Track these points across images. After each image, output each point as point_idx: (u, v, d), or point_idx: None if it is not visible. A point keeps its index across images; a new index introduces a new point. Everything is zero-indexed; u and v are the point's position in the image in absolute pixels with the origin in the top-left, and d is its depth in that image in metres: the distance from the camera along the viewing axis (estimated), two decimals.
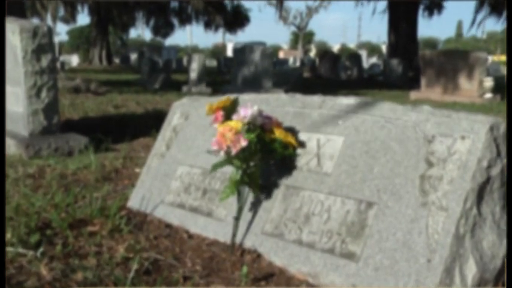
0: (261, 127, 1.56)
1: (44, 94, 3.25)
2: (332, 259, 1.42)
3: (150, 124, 4.08)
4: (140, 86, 9.76)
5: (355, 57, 16.87)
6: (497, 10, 16.24)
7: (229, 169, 1.62)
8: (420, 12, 17.43)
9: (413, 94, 9.19)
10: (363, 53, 27.89)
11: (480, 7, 16.75)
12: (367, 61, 27.30)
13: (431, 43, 53.63)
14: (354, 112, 1.62)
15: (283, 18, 33.83)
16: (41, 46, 3.19)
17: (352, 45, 56.33)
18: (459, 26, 64.43)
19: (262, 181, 1.63)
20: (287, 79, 11.09)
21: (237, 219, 1.61)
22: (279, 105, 1.83)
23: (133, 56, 27.41)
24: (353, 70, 15.70)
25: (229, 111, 1.58)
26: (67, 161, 2.97)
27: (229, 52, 33.96)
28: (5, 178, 2.43)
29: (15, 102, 3.32)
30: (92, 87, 7.63)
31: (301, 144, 1.66)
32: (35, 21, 8.52)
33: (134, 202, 2.06)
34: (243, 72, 8.63)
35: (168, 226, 1.85)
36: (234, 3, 26.15)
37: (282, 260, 1.52)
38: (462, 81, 8.76)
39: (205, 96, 3.29)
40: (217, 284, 1.42)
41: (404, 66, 13.39)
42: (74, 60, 26.90)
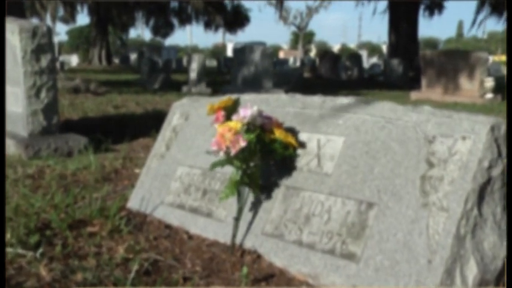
0: (261, 127, 1.55)
1: (44, 94, 3.24)
2: (332, 260, 1.42)
3: (150, 124, 4.08)
4: (140, 86, 9.75)
5: (355, 57, 16.86)
6: (498, 10, 16.23)
7: (229, 169, 1.61)
8: (421, 12, 17.41)
9: (413, 94, 9.18)
10: (364, 53, 27.91)
11: (481, 7, 16.74)
12: (367, 61, 27.31)
13: (431, 43, 53.63)
14: (355, 112, 1.61)
15: (283, 18, 33.82)
16: (41, 46, 3.19)
17: (352, 45, 56.31)
18: (460, 26, 64.43)
19: (262, 181, 1.63)
20: (287, 79, 11.09)
21: (237, 219, 1.60)
22: (279, 105, 1.83)
23: (133, 56, 27.40)
24: (353, 70, 15.69)
25: (230, 111, 1.57)
26: (66, 162, 2.96)
27: (229, 52, 33.94)
28: (5, 179, 2.43)
29: (14, 102, 3.32)
30: (92, 87, 7.62)
31: (301, 144, 1.65)
32: (35, 21, 8.52)
33: (134, 203, 2.06)
34: (243, 72, 8.63)
35: (168, 227, 1.85)
36: (234, 3, 26.17)
37: (282, 261, 1.52)
38: (463, 81, 8.76)
39: (205, 96, 3.29)
40: (217, 285, 1.42)
41: (404, 66, 13.38)
42: (74, 60, 26.88)
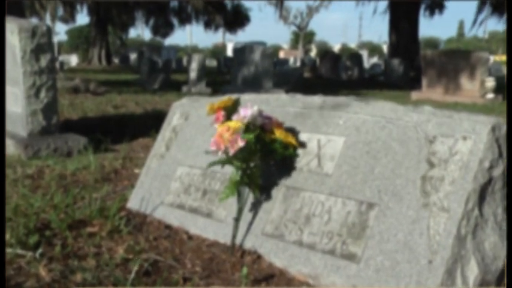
0: (261, 127, 1.55)
1: (43, 94, 3.24)
2: (333, 260, 1.41)
3: (150, 124, 4.07)
4: (139, 86, 9.74)
5: (356, 57, 16.85)
6: (499, 10, 16.21)
7: (229, 169, 1.61)
8: (421, 11, 17.37)
9: (414, 94, 9.17)
10: (364, 53, 27.88)
11: (482, 7, 16.73)
12: (368, 61, 27.30)
13: (432, 43, 53.57)
14: (355, 112, 1.61)
15: (283, 17, 33.84)
16: (40, 46, 3.18)
17: (353, 45, 56.23)
18: (461, 26, 64.35)
19: (262, 182, 1.62)
20: (287, 79, 11.08)
21: (237, 220, 1.60)
22: (279, 105, 1.82)
23: (132, 56, 27.35)
24: (354, 70, 15.69)
25: (230, 111, 1.57)
26: (66, 162, 2.96)
27: (229, 52, 33.91)
28: (5, 179, 2.42)
29: (14, 102, 3.31)
30: (91, 87, 7.62)
31: (301, 144, 1.65)
32: (34, 20, 8.52)
33: (134, 203, 2.05)
34: (243, 72, 8.62)
35: (168, 227, 1.85)
36: (234, 2, 26.16)
37: (283, 261, 1.51)
38: (464, 81, 8.75)
39: (205, 96, 3.29)
40: (217, 285, 1.42)
41: (405, 66, 13.38)
42: (73, 60, 26.87)
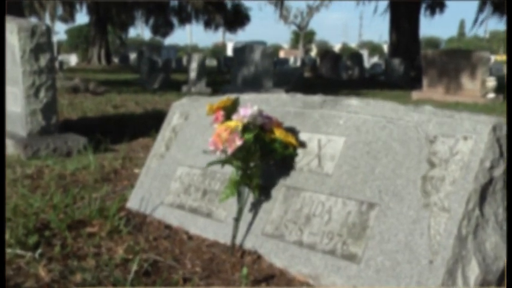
0: (261, 127, 1.55)
1: (43, 94, 3.23)
2: (333, 260, 1.41)
3: (150, 124, 4.07)
4: (139, 86, 9.74)
5: (356, 56, 16.85)
6: (499, 9, 16.20)
7: (229, 170, 1.61)
8: (422, 11, 17.35)
9: (415, 94, 9.17)
10: (364, 53, 27.88)
11: (483, 6, 16.72)
12: (368, 61, 27.31)
13: (433, 42, 53.51)
14: (355, 112, 1.60)
15: (283, 17, 33.84)
16: (39, 45, 3.18)
17: (353, 44, 56.19)
18: (461, 25, 64.23)
19: (262, 182, 1.62)
20: (288, 79, 11.08)
21: (237, 220, 1.59)
22: (280, 105, 1.82)
23: (132, 56, 27.37)
24: (354, 70, 15.68)
25: (229, 111, 1.56)
26: (66, 162, 2.95)
27: (229, 51, 33.92)
28: (5, 179, 2.42)
29: (13, 102, 3.31)
30: (91, 87, 7.61)
31: (302, 144, 1.64)
32: (33, 20, 8.51)
33: (133, 203, 2.05)
34: (243, 72, 8.62)
35: (168, 227, 1.84)
36: (234, 2, 26.16)
37: (283, 262, 1.51)
38: (464, 81, 8.74)
39: (205, 96, 3.28)
40: (217, 286, 1.41)
41: (406, 65, 13.37)
42: (73, 59, 26.87)
